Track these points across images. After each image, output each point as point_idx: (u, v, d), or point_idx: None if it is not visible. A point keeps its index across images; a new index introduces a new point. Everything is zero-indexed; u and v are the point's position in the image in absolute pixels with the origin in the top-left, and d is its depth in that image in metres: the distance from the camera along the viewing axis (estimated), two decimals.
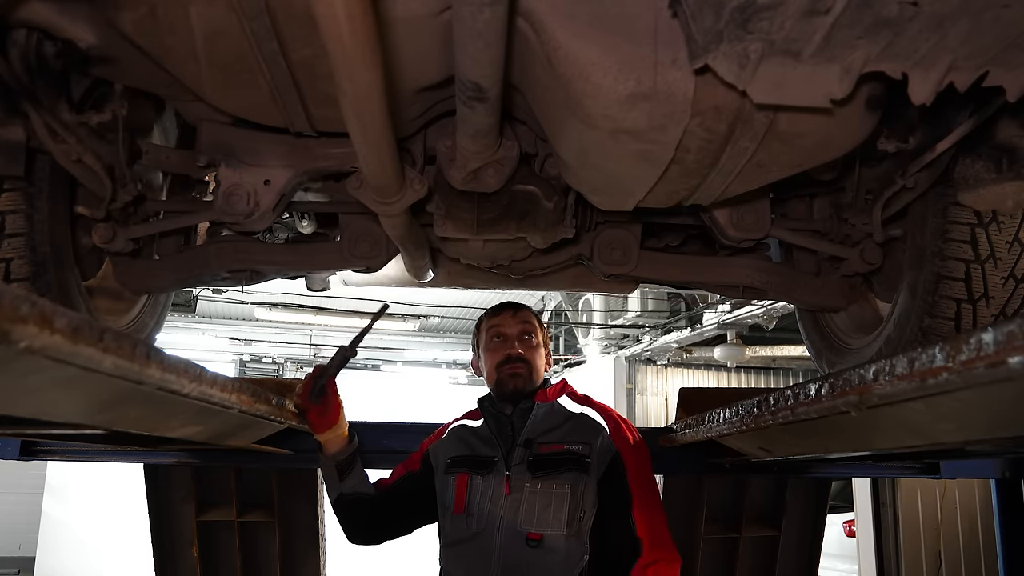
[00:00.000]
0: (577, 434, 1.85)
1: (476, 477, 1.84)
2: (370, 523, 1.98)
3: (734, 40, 1.08)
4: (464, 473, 1.87)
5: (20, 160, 1.63)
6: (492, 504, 1.78)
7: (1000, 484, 3.31)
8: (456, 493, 1.84)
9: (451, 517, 1.84)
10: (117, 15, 1.38)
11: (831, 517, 4.04)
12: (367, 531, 1.99)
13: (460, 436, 1.98)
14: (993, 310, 1.86)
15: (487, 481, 1.82)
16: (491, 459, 1.86)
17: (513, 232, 1.99)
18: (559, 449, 1.81)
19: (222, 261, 2.23)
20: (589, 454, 1.80)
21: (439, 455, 1.97)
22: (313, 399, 1.80)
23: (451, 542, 1.83)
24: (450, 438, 2.00)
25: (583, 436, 1.84)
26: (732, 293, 2.48)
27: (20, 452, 2.47)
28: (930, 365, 0.74)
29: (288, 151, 1.86)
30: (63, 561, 8.89)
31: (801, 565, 3.06)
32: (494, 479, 1.82)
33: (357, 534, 1.99)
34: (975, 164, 1.78)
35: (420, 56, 1.40)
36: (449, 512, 1.85)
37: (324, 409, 1.82)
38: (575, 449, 1.81)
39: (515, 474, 1.81)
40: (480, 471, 1.85)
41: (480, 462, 1.87)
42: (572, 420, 1.90)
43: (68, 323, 0.65)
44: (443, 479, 1.91)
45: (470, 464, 1.88)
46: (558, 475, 1.77)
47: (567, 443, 1.82)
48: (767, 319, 8.36)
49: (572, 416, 1.91)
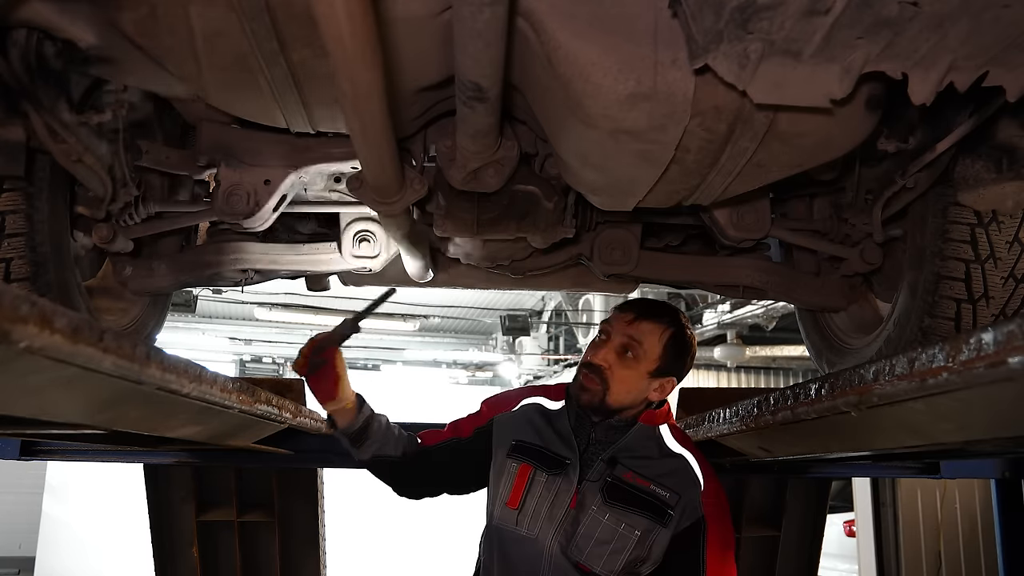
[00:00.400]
0: (671, 480, 1.61)
1: (540, 474, 1.65)
2: (396, 482, 1.82)
3: (734, 40, 1.08)
4: (528, 465, 1.67)
5: (20, 160, 1.64)
6: (551, 512, 1.61)
7: (1000, 484, 3.31)
8: (515, 484, 1.66)
9: (503, 507, 1.66)
10: (117, 15, 1.38)
11: (831, 517, 4.04)
12: (399, 488, 1.84)
13: (532, 419, 1.76)
14: (993, 310, 1.86)
15: (552, 483, 1.64)
16: (563, 460, 1.66)
17: (513, 232, 1.99)
18: (645, 486, 1.60)
19: (222, 261, 2.23)
20: (675, 506, 1.58)
21: (505, 432, 1.75)
22: (309, 370, 1.66)
23: (497, 536, 1.67)
24: (521, 416, 1.78)
25: (676, 484, 1.60)
26: (732, 293, 2.48)
27: (20, 452, 2.48)
28: (930, 365, 0.74)
29: (288, 151, 1.86)
30: (63, 561, 8.89)
31: (801, 565, 3.06)
32: (561, 485, 1.63)
33: (395, 489, 1.84)
34: (975, 164, 1.78)
35: (420, 56, 1.40)
36: (502, 501, 1.67)
37: (322, 381, 1.67)
38: (662, 495, 1.59)
39: (586, 490, 1.61)
40: (547, 470, 1.66)
41: (550, 460, 1.67)
42: (670, 460, 1.65)
43: (68, 323, 0.65)
44: (503, 460, 1.71)
45: (538, 457, 1.68)
46: (631, 514, 1.57)
47: (656, 483, 1.60)
48: (767, 319, 8.36)
49: (671, 455, 1.66)
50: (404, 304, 11.52)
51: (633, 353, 1.62)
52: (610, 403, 1.64)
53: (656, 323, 1.64)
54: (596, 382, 1.63)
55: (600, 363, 1.63)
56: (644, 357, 1.62)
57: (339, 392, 1.68)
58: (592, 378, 1.63)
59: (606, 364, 1.63)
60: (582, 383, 1.65)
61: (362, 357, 15.26)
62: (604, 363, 1.63)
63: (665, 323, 1.65)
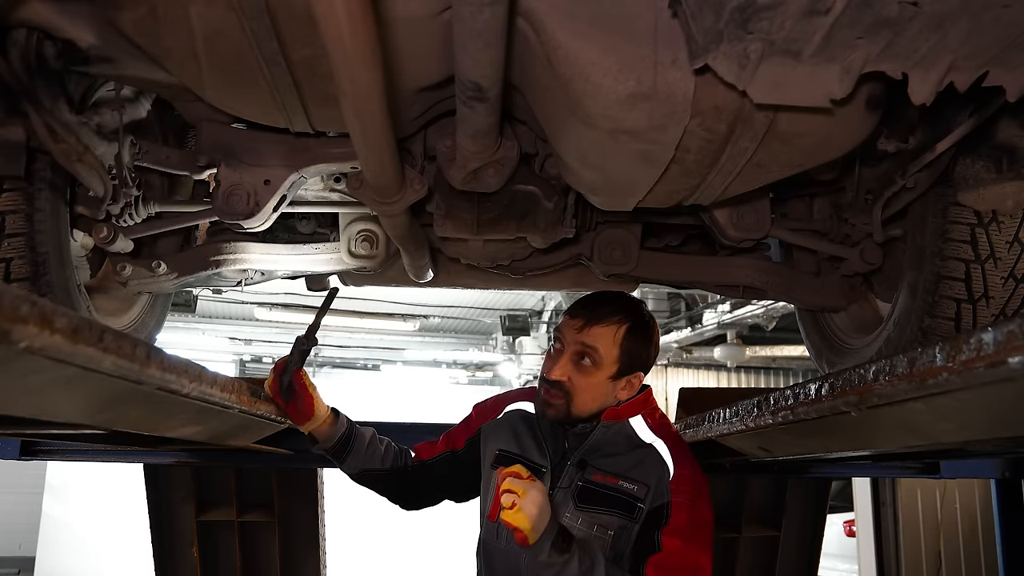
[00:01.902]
0: (639, 471, 1.57)
1: None
2: (392, 494, 1.84)
3: (734, 40, 1.08)
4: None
5: (20, 160, 1.63)
6: None
7: (1000, 484, 3.31)
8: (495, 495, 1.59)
9: (485, 520, 1.66)
10: (117, 15, 1.38)
11: (831, 517, 4.04)
12: (399, 501, 1.85)
13: (514, 426, 1.75)
14: (993, 310, 1.86)
15: None
16: (539, 469, 1.63)
17: (513, 232, 1.99)
18: (613, 483, 1.57)
19: (222, 261, 2.23)
20: (644, 497, 1.54)
21: (489, 441, 1.76)
22: (283, 396, 1.68)
23: (484, 549, 1.69)
24: (504, 424, 1.77)
25: (644, 475, 1.56)
26: (732, 293, 2.48)
27: (20, 452, 2.48)
28: (930, 365, 0.74)
29: (288, 151, 1.86)
30: (63, 561, 8.89)
31: (801, 565, 3.06)
32: None
33: (394, 502, 1.84)
34: (975, 164, 1.78)
35: (420, 56, 1.40)
36: (484, 514, 1.67)
37: (297, 404, 1.69)
38: (630, 489, 1.55)
39: (558, 497, 1.59)
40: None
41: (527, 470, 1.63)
42: (637, 452, 1.60)
43: (68, 323, 0.65)
44: (488, 472, 1.71)
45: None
46: (603, 515, 1.55)
47: (624, 479, 1.56)
48: (767, 319, 8.36)
49: (639, 446, 1.61)
50: (404, 304, 11.51)
51: (591, 359, 1.57)
52: (575, 414, 1.60)
53: (607, 325, 1.58)
54: (559, 396, 1.58)
55: (559, 378, 1.58)
56: (602, 362, 1.57)
57: (315, 411, 1.71)
58: (554, 393, 1.59)
59: (565, 377, 1.58)
60: (545, 399, 1.60)
61: (362, 357, 15.25)
62: (563, 376, 1.58)
63: (617, 321, 1.59)
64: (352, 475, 1.81)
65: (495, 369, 14.76)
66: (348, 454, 1.77)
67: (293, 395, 1.68)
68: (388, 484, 1.82)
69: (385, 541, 8.47)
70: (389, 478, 1.80)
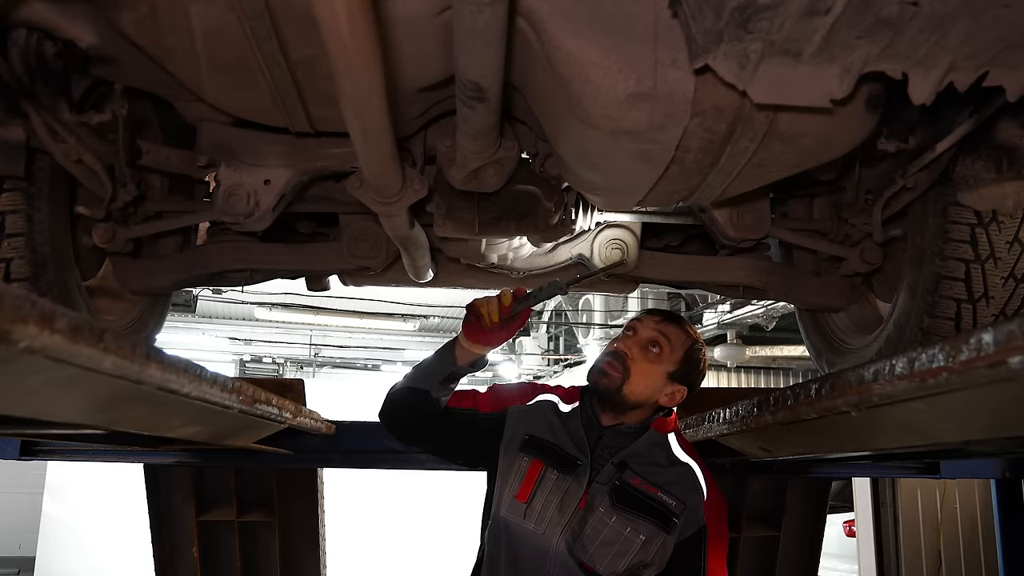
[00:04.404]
0: (679, 488, 1.63)
1: (551, 471, 1.66)
2: (412, 423, 1.82)
3: (734, 40, 1.08)
4: (540, 461, 1.68)
5: (20, 160, 1.64)
6: (560, 510, 1.62)
7: (1000, 484, 3.31)
8: (526, 478, 1.67)
9: (511, 499, 1.67)
10: (117, 15, 1.38)
11: (831, 517, 4.04)
12: (404, 426, 1.84)
13: (547, 416, 1.77)
14: (993, 310, 1.86)
15: (562, 482, 1.65)
16: (575, 461, 1.67)
17: (513, 232, 1.99)
18: (653, 492, 1.62)
19: (222, 261, 2.23)
20: (680, 514, 1.60)
21: (518, 424, 1.77)
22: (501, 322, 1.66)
23: (505, 528, 1.67)
24: (536, 411, 1.79)
25: (683, 493, 1.63)
26: (732, 293, 2.49)
27: (20, 452, 2.47)
28: (930, 365, 0.74)
29: (288, 151, 1.86)
30: (63, 561, 8.89)
31: (801, 565, 3.06)
32: (571, 485, 1.64)
33: (395, 421, 1.83)
34: (975, 164, 1.78)
35: (420, 56, 1.40)
36: (511, 493, 1.68)
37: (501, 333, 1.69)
38: (668, 503, 1.61)
39: (595, 492, 1.63)
40: (558, 468, 1.67)
41: (562, 459, 1.68)
42: (677, 468, 1.67)
43: (68, 323, 0.65)
44: (514, 453, 1.72)
45: (550, 455, 1.69)
46: (637, 519, 1.60)
47: (664, 491, 1.62)
48: (767, 319, 8.36)
49: (678, 464, 1.68)
50: (404, 304, 11.51)
51: (658, 349, 1.66)
52: (625, 393, 1.66)
53: (682, 330, 1.71)
54: (617, 369, 1.65)
55: (624, 351, 1.66)
56: (667, 356, 1.67)
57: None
58: (614, 364, 1.66)
59: (629, 354, 1.66)
60: (602, 368, 1.67)
61: (362, 357, 15.25)
62: (628, 352, 1.66)
63: (689, 333, 1.72)
64: (437, 396, 1.76)
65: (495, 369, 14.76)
66: (454, 384, 1.78)
67: (508, 323, 1.68)
68: (420, 413, 1.79)
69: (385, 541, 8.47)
70: (426, 412, 1.78)
